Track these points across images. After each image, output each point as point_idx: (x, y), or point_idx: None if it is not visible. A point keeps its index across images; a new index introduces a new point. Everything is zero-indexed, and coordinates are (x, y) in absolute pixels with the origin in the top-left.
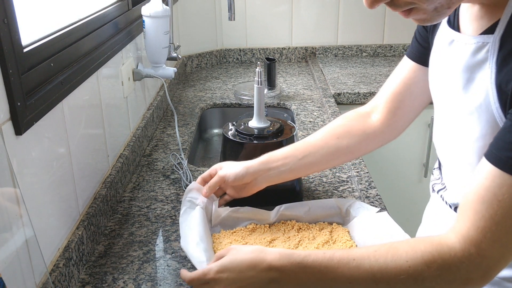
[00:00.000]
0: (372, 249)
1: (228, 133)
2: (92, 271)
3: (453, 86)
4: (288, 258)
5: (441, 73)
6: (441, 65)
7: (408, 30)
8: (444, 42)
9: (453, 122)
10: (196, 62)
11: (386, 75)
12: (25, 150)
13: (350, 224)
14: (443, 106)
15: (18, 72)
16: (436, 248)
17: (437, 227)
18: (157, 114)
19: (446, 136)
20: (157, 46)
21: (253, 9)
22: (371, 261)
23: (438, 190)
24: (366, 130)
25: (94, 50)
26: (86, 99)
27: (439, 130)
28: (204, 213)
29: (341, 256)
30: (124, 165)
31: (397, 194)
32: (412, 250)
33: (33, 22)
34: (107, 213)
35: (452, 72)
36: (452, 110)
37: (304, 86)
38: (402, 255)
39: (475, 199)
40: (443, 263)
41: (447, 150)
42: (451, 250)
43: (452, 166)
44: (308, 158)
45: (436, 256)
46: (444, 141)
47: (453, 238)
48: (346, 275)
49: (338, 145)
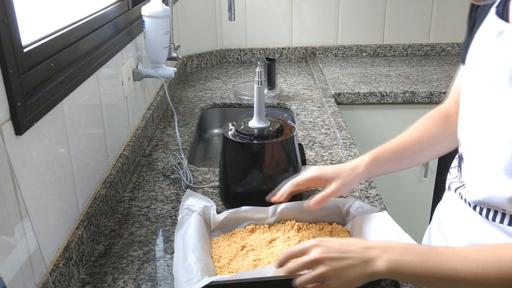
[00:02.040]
0: (474, 249)
1: (228, 133)
2: (92, 271)
3: (498, 78)
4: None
5: (485, 66)
6: (487, 57)
7: (408, 30)
8: (491, 34)
9: (491, 115)
10: (196, 62)
11: (386, 75)
12: (25, 150)
13: (350, 224)
14: (481, 100)
15: (18, 72)
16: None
17: (455, 225)
18: (157, 114)
19: (478, 131)
20: (157, 46)
21: (253, 9)
22: (475, 261)
23: (456, 188)
24: (453, 130)
25: (94, 50)
26: (86, 99)
27: (469, 125)
28: (202, 219)
29: (444, 248)
30: (124, 165)
31: (397, 194)
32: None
33: (33, 22)
34: (107, 213)
35: (500, 64)
36: (493, 103)
37: (304, 86)
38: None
39: None
40: None
41: (477, 146)
42: None
43: (478, 163)
44: (405, 161)
45: None
46: (475, 137)
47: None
48: (449, 264)
49: (431, 145)
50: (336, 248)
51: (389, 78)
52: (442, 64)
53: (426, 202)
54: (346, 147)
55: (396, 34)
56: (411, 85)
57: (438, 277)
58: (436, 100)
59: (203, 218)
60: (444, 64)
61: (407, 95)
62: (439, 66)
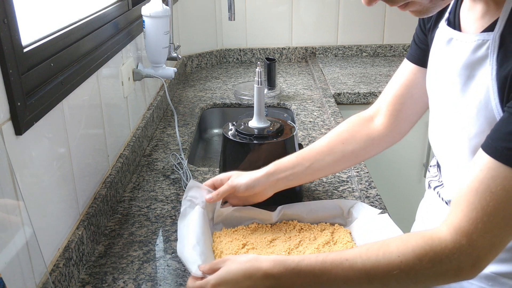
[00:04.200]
0: (364, 248)
1: (228, 133)
2: (92, 271)
3: (451, 84)
4: (282, 264)
5: (439, 72)
6: (439, 64)
7: (408, 30)
8: (442, 41)
9: (450, 120)
10: (196, 62)
11: (386, 75)
12: (25, 150)
13: (352, 226)
14: (440, 105)
15: (18, 72)
16: (427, 241)
17: (432, 223)
18: (157, 114)
19: (443, 135)
20: (157, 46)
21: (253, 9)
22: (363, 260)
23: (435, 186)
24: (370, 135)
25: (94, 50)
26: (86, 99)
27: (436, 128)
28: (205, 212)
29: (334, 258)
30: (124, 165)
31: (397, 194)
32: (404, 245)
33: (33, 22)
34: (107, 213)
35: (451, 71)
36: (449, 108)
37: (304, 86)
38: (393, 251)
39: (468, 191)
40: (435, 256)
41: (444, 148)
42: (442, 242)
43: (449, 164)
44: (315, 165)
45: (428, 249)
46: (441, 140)
47: (445, 231)
48: (340, 276)
49: (343, 150)
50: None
51: (389, 78)
52: None
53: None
54: None
55: (396, 34)
56: None
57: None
58: None
59: (207, 210)
60: None
61: None
62: None
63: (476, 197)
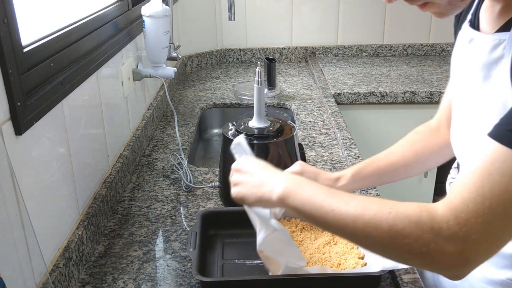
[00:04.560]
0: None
1: (228, 133)
2: (92, 271)
3: (471, 84)
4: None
5: (461, 72)
6: (461, 64)
7: (408, 30)
8: (464, 41)
9: (469, 121)
10: (196, 62)
11: (386, 75)
12: (25, 150)
13: None
14: (461, 106)
15: (18, 72)
16: (422, 208)
17: None
18: (157, 114)
19: (462, 135)
20: (157, 46)
21: (253, 9)
22: (360, 200)
23: None
24: (440, 145)
25: (94, 50)
26: (86, 99)
27: (457, 130)
28: None
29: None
30: (124, 165)
31: (397, 194)
32: (400, 204)
33: (33, 22)
34: (107, 213)
35: (471, 71)
36: (469, 110)
37: (304, 86)
38: (387, 205)
39: (467, 173)
40: (422, 223)
41: (463, 149)
42: (432, 213)
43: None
44: (388, 175)
45: (418, 214)
46: (461, 140)
47: (439, 205)
48: (336, 203)
49: (417, 161)
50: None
51: (389, 78)
52: (442, 64)
53: (426, 202)
54: (346, 147)
55: (396, 34)
56: (411, 85)
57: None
58: (436, 100)
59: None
60: (444, 64)
61: (407, 95)
62: (439, 66)
63: (473, 177)
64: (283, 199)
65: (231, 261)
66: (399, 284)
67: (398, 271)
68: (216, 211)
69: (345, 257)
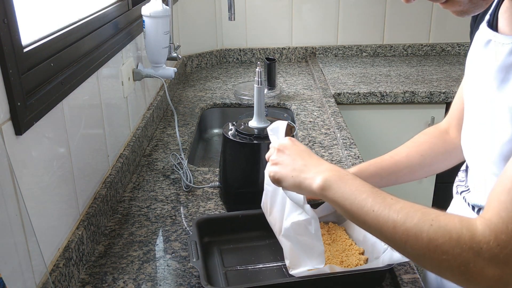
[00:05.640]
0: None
1: (228, 133)
2: (92, 271)
3: (486, 87)
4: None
5: (475, 74)
6: (476, 66)
7: (408, 30)
8: (480, 43)
9: (483, 124)
10: (196, 62)
11: (386, 75)
12: (25, 150)
13: (346, 223)
14: (475, 108)
15: (18, 72)
16: (463, 224)
17: None
18: (157, 114)
19: (475, 138)
20: (157, 46)
21: (253, 9)
22: (403, 206)
23: (461, 191)
24: (447, 147)
25: (94, 50)
26: (86, 99)
27: (468, 132)
28: None
29: (385, 193)
30: (124, 165)
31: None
32: (443, 216)
33: (33, 22)
34: (107, 213)
35: (487, 73)
36: (483, 112)
37: (304, 86)
38: (429, 216)
39: (501, 189)
40: (462, 241)
41: (474, 152)
42: (472, 231)
43: (478, 169)
44: (392, 176)
45: (459, 230)
46: (473, 143)
47: (478, 222)
48: (377, 204)
49: (422, 162)
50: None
51: (389, 78)
52: (442, 64)
53: (426, 202)
54: (346, 147)
55: (396, 34)
56: (411, 85)
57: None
58: (436, 100)
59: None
60: (444, 64)
61: (407, 95)
62: (439, 66)
63: (508, 197)
64: (324, 189)
65: (232, 268)
66: (399, 284)
67: (398, 271)
68: (209, 218)
69: (346, 254)
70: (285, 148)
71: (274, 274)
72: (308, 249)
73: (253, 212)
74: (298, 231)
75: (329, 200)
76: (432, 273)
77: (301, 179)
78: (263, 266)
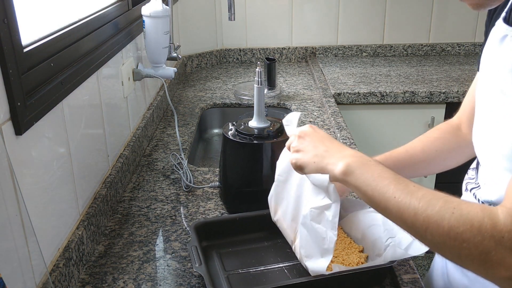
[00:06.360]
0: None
1: (228, 133)
2: (92, 271)
3: (502, 82)
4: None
5: (490, 71)
6: (491, 63)
7: (408, 30)
8: (496, 39)
9: (497, 119)
10: (196, 62)
11: (386, 75)
12: (25, 150)
13: (343, 221)
14: (488, 103)
15: (18, 72)
16: (485, 213)
17: None
18: (157, 114)
19: (488, 135)
20: (157, 46)
21: (253, 9)
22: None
23: (471, 188)
24: (460, 143)
25: (94, 50)
26: (86, 99)
27: (481, 129)
28: None
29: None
30: (124, 165)
31: None
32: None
33: (33, 22)
34: (107, 213)
35: (502, 68)
36: (497, 107)
37: (304, 86)
38: (453, 202)
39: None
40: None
41: (487, 148)
42: (494, 220)
43: (490, 164)
44: (406, 170)
45: (481, 219)
46: (485, 139)
47: (499, 211)
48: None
49: (436, 157)
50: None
51: (389, 78)
52: (442, 64)
53: None
54: None
55: (396, 34)
56: (411, 85)
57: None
58: (436, 100)
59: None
60: (444, 64)
61: (407, 95)
62: (439, 66)
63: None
64: (346, 174)
65: (234, 271)
66: (399, 284)
67: (398, 271)
68: (207, 221)
69: (346, 252)
70: (306, 134)
71: (277, 275)
72: (320, 239)
73: (251, 214)
74: (316, 218)
75: (350, 186)
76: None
77: (324, 165)
78: (265, 268)
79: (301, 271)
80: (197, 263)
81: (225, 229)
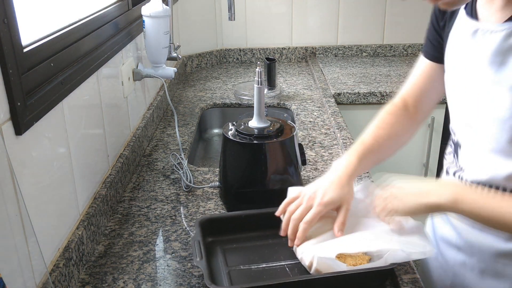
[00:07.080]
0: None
1: (228, 133)
2: (92, 271)
3: (482, 73)
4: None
5: (465, 64)
6: (464, 56)
7: (408, 30)
8: (465, 34)
9: (482, 107)
10: (196, 62)
11: (386, 75)
12: (25, 150)
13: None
14: (468, 94)
15: (18, 72)
16: None
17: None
18: (157, 114)
19: (472, 121)
20: (157, 46)
21: (253, 9)
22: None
23: (454, 172)
24: (413, 123)
25: (94, 50)
26: (86, 99)
27: (462, 117)
28: None
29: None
30: (124, 165)
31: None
32: None
33: (33, 22)
34: (107, 213)
35: (480, 60)
36: (481, 96)
37: (304, 86)
38: None
39: None
40: None
41: (471, 132)
42: None
43: (473, 147)
44: (374, 158)
45: None
46: (469, 126)
47: None
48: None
49: (397, 141)
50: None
51: (389, 78)
52: None
53: None
54: (346, 147)
55: (396, 34)
56: None
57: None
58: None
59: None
60: None
61: None
62: None
63: None
64: (456, 203)
65: (236, 267)
66: (399, 284)
67: (398, 271)
68: (212, 217)
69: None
70: (395, 189)
71: (278, 273)
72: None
73: (256, 212)
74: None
75: (462, 212)
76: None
77: (425, 201)
78: (266, 266)
79: (302, 270)
80: (198, 257)
81: (231, 225)
